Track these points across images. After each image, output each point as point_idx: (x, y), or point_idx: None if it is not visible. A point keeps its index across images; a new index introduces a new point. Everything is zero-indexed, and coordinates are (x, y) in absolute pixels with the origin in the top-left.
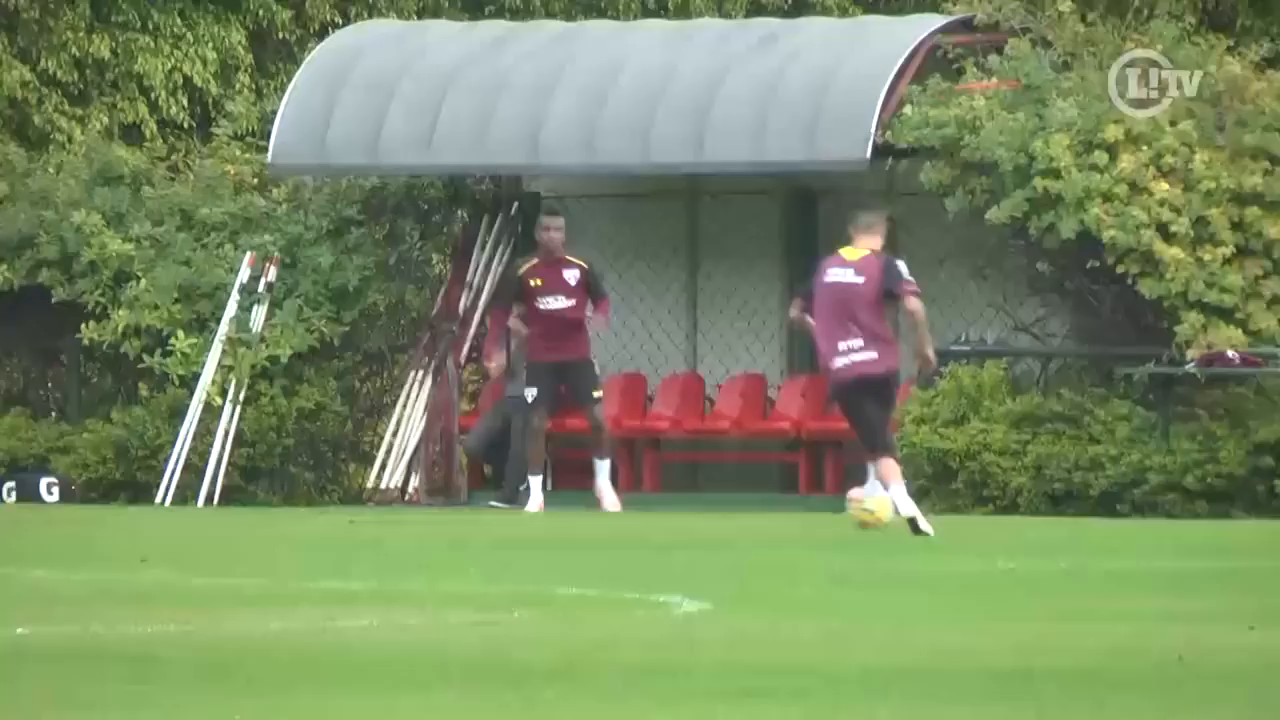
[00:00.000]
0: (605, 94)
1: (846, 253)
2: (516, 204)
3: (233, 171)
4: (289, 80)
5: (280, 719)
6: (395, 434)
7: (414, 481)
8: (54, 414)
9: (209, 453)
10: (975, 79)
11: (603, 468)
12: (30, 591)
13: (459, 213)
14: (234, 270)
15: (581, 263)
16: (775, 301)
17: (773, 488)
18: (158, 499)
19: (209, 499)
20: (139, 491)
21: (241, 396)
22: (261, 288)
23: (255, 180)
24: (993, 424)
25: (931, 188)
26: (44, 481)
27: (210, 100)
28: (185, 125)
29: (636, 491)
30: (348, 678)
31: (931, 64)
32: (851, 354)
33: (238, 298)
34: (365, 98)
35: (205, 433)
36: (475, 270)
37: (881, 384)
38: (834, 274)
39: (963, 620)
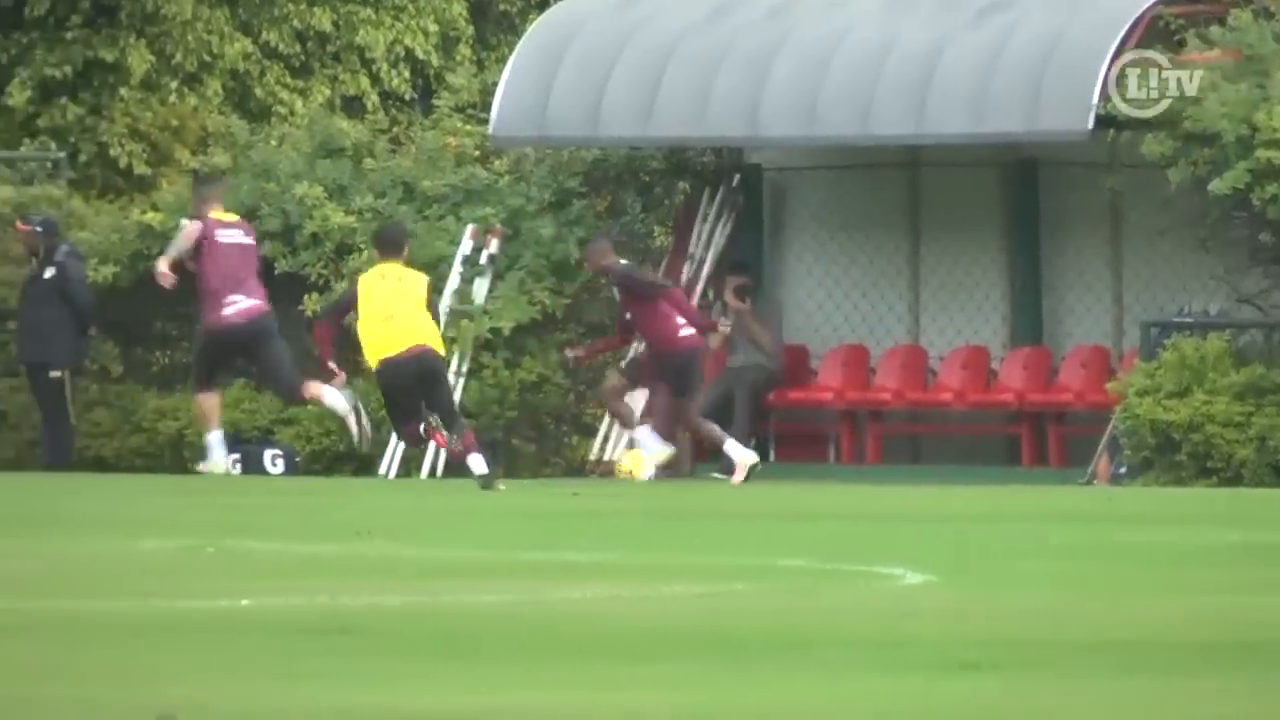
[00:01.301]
0: (825, 65)
1: None
2: (738, 176)
3: (454, 144)
4: (510, 52)
5: (500, 690)
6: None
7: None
8: None
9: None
10: (1196, 50)
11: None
12: (254, 564)
13: (680, 185)
14: (456, 243)
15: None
16: (997, 273)
17: (995, 460)
18: (381, 471)
19: (432, 471)
20: (362, 464)
21: (464, 369)
22: (484, 260)
23: (477, 152)
24: (1216, 396)
25: (1153, 159)
26: (268, 454)
27: (432, 72)
28: (407, 97)
29: (858, 464)
30: (567, 649)
31: (1152, 35)
32: None
33: (460, 270)
34: (586, 69)
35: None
36: (697, 242)
37: None
38: None
39: (1183, 593)
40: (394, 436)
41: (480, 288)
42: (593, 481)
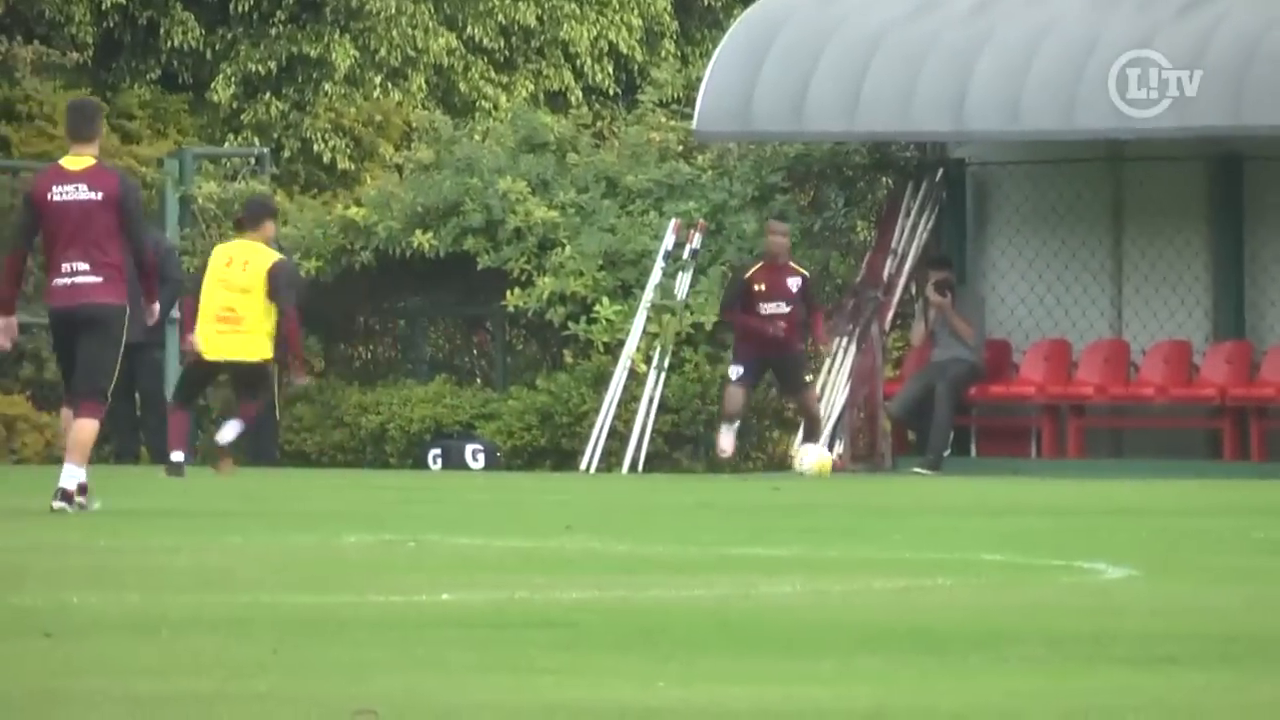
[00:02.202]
0: (1029, 59)
1: None
2: (941, 171)
3: (658, 138)
4: (714, 46)
5: (703, 684)
6: (820, 400)
7: (838, 448)
8: (479, 380)
9: (633, 419)
10: None
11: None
12: (455, 558)
13: (883, 179)
14: (658, 237)
15: (804, 271)
16: (1200, 267)
17: (1197, 455)
18: (582, 465)
19: (633, 466)
20: (563, 458)
21: (666, 363)
22: (686, 254)
23: (680, 147)
24: None
25: None
26: (470, 448)
27: (635, 67)
28: (610, 92)
29: (1060, 458)
30: (770, 644)
31: None
32: None
33: (662, 264)
34: (789, 64)
35: (630, 399)
36: (900, 237)
37: None
38: None
39: None
40: (594, 431)
41: (682, 282)
42: (793, 476)
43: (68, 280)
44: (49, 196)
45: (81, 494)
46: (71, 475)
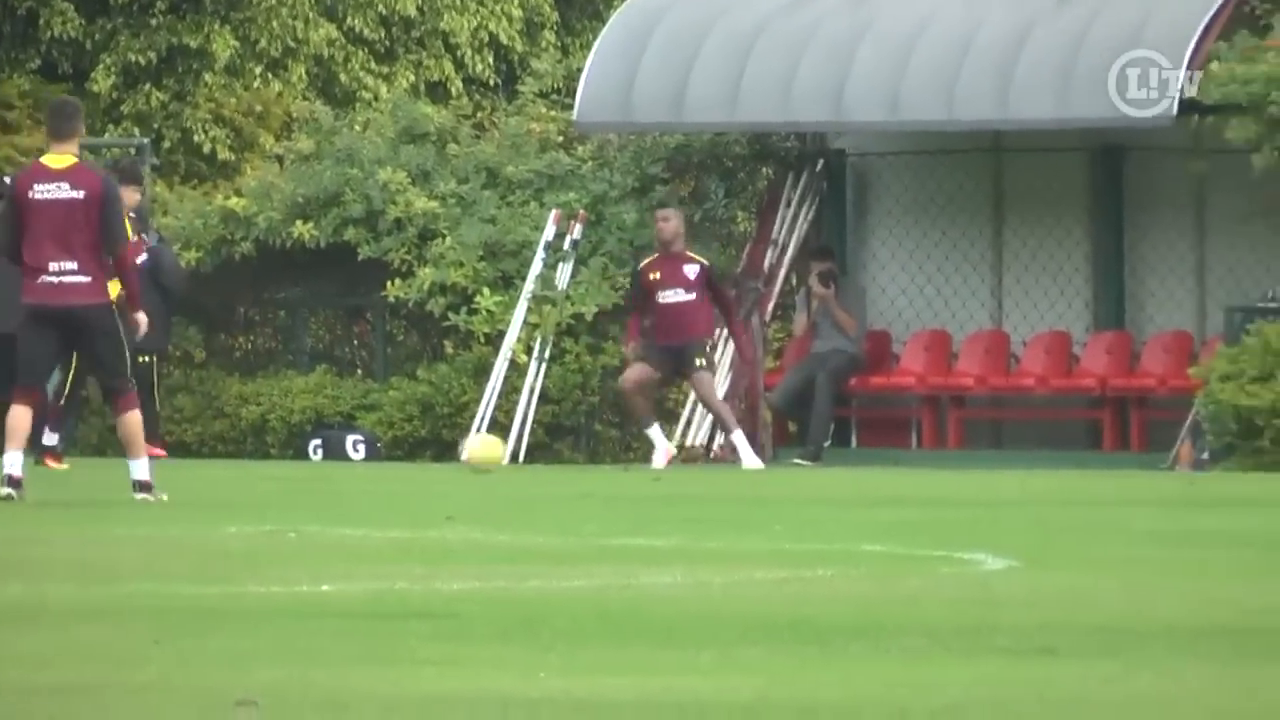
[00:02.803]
0: (909, 50)
1: None
2: (821, 161)
3: (538, 129)
4: (594, 37)
5: (583, 675)
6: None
7: (719, 439)
8: (359, 371)
9: (514, 410)
10: None
11: (737, 438)
12: (336, 549)
13: (763, 170)
14: (539, 228)
15: (702, 260)
16: (1080, 258)
17: (1077, 446)
18: (462, 456)
19: (514, 457)
20: (444, 449)
21: (547, 354)
22: (567, 245)
23: (560, 138)
24: None
25: (1238, 144)
26: (350, 439)
27: (515, 58)
28: (490, 83)
29: (940, 449)
30: (651, 634)
31: (1238, 19)
32: None
33: (543, 255)
34: (670, 54)
35: (510, 390)
36: (780, 228)
37: None
38: None
39: (1270, 577)
40: (475, 421)
41: (563, 273)
42: (674, 467)
43: (54, 279)
44: (29, 194)
45: (148, 489)
46: (141, 468)
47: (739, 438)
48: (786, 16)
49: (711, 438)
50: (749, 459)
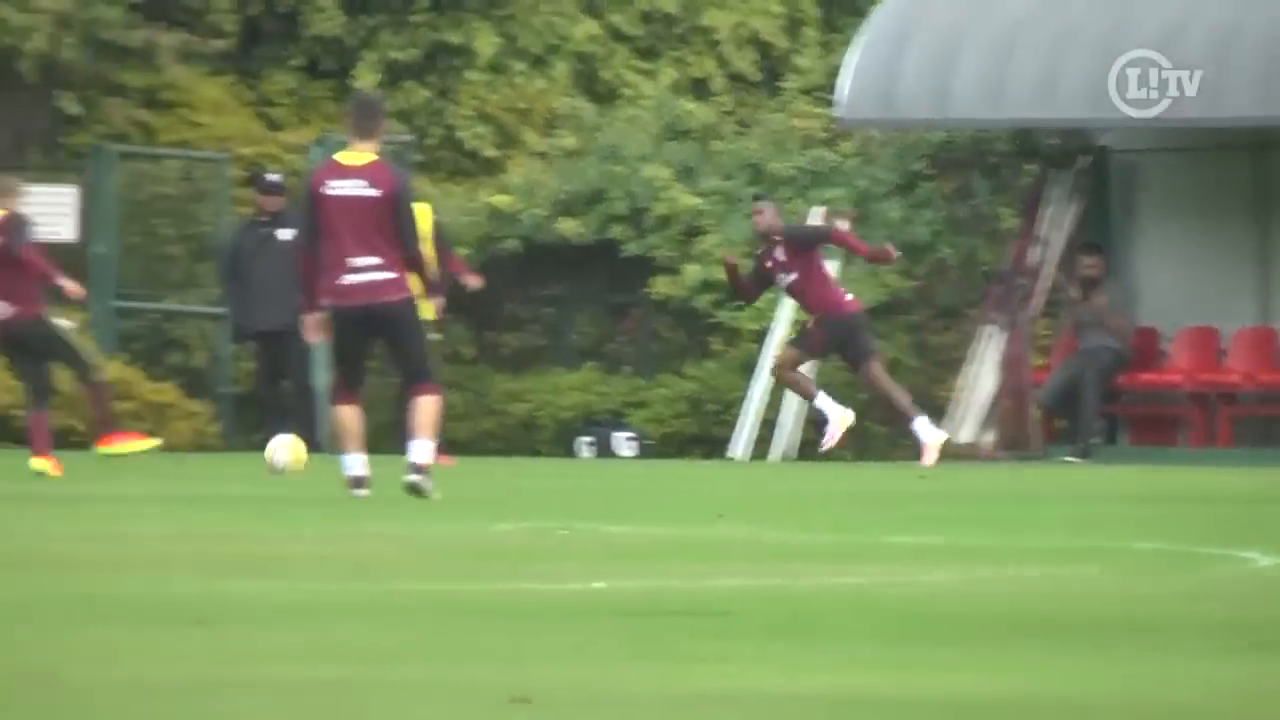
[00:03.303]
0: (1172, 46)
1: None
2: (1089, 158)
3: (801, 126)
4: (855, 33)
5: (853, 672)
6: (968, 388)
7: (987, 436)
8: (627, 368)
9: (782, 407)
10: None
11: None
12: (607, 546)
13: (1028, 167)
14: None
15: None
16: None
17: None
18: (732, 453)
19: (784, 454)
20: (714, 446)
21: None
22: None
23: (824, 135)
24: None
25: None
26: (620, 436)
27: (778, 54)
28: (753, 80)
29: (1210, 447)
30: (921, 631)
31: None
32: None
33: None
34: (934, 50)
35: (778, 387)
36: (1045, 225)
37: None
38: None
39: None
40: (743, 418)
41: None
42: (942, 464)
43: (362, 277)
44: (322, 189)
45: (421, 472)
46: (423, 450)
47: (921, 423)
48: (1049, 13)
49: (980, 434)
50: (929, 434)
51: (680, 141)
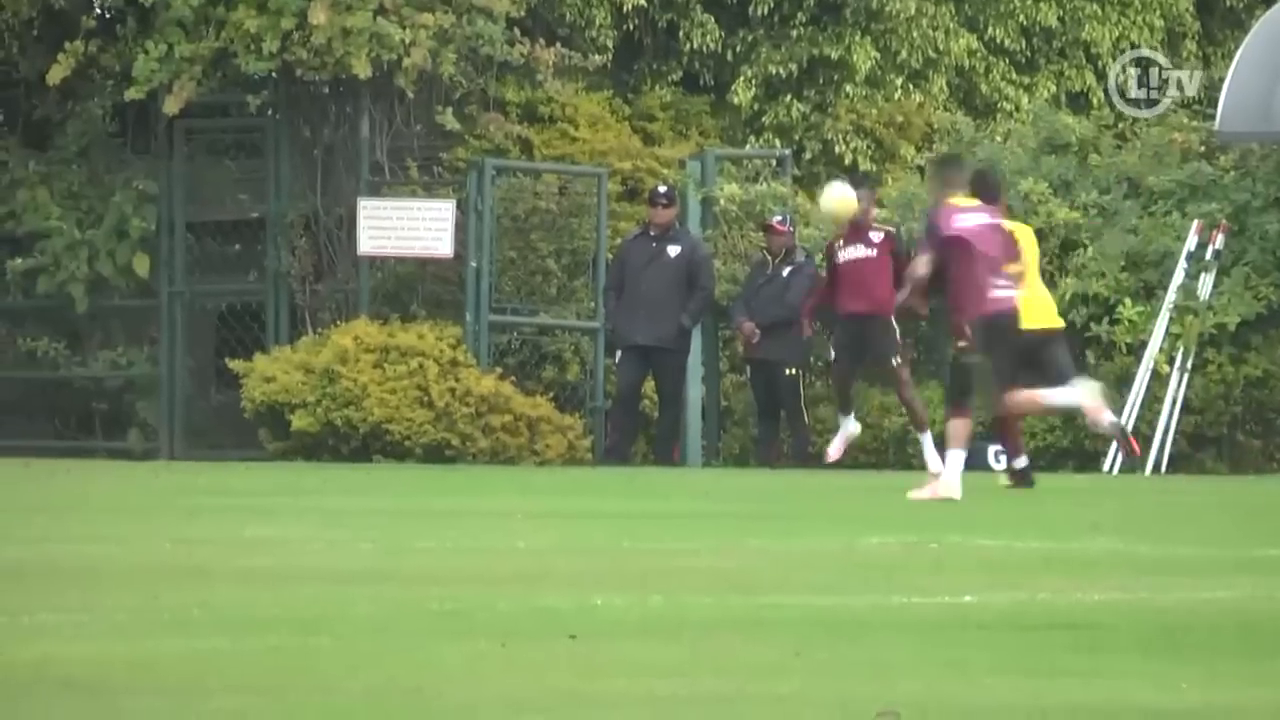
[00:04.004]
0: None
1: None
2: None
3: (1180, 139)
4: (1236, 47)
5: (1225, 687)
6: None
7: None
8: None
9: (1156, 421)
10: None
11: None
12: (977, 559)
13: None
14: (1181, 238)
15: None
16: None
17: None
18: (1105, 467)
19: (1156, 467)
20: (1085, 459)
21: (1189, 364)
22: (1209, 255)
23: (1202, 148)
24: None
25: None
26: (992, 449)
27: (1156, 68)
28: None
29: None
30: None
31: None
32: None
33: (1185, 265)
34: None
35: (1152, 400)
36: None
37: None
38: None
39: None
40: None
41: (1205, 283)
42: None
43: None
44: (954, 224)
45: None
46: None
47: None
48: None
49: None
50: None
51: (1058, 155)
